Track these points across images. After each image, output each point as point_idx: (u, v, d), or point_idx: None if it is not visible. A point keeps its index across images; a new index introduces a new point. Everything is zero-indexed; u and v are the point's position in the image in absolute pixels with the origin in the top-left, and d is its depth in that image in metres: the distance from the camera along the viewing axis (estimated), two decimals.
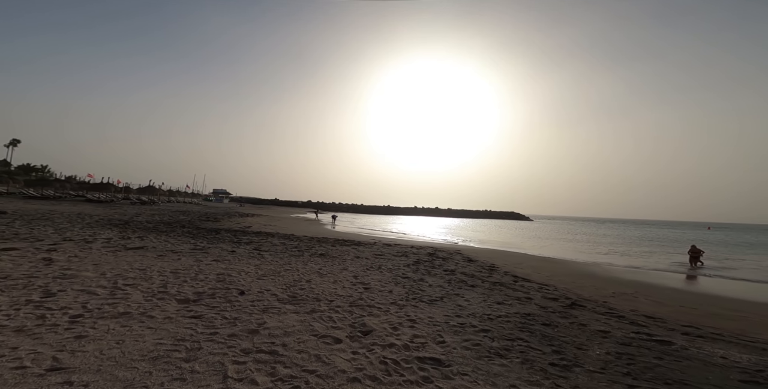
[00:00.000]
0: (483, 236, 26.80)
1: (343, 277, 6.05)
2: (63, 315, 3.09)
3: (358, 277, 6.15)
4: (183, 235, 10.72)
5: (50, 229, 9.61)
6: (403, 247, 12.20)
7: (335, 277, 5.98)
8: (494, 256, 12.37)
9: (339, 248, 10.24)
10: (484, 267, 8.84)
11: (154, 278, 4.75)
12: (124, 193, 46.83)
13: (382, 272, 6.87)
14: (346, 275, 6.27)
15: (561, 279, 8.26)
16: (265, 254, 7.98)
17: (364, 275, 6.33)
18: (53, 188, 39.40)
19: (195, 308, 3.66)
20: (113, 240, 8.29)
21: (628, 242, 27.32)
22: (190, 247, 8.14)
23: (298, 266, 6.75)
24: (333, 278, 5.91)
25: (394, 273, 6.80)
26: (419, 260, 8.95)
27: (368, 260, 8.32)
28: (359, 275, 6.36)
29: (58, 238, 7.94)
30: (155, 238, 9.37)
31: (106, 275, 4.72)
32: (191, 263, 6.13)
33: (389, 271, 7.01)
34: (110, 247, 7.24)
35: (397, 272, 6.99)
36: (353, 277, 6.12)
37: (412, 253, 10.45)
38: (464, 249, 13.81)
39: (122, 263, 5.66)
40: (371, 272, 6.71)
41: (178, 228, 13.14)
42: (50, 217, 13.33)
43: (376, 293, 5.13)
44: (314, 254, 8.49)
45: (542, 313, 4.78)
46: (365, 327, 3.62)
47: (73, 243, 7.33)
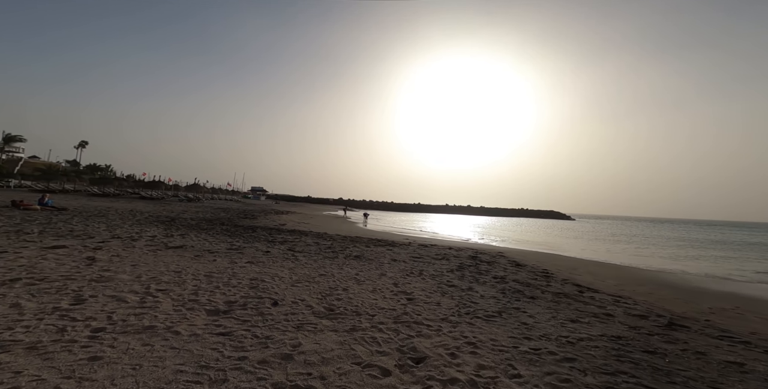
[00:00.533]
0: (523, 237, 25.12)
1: (382, 284, 5.49)
2: (85, 327, 2.82)
3: (399, 285, 5.56)
4: (221, 233, 10.82)
5: (103, 226, 10.09)
6: (440, 248, 11.44)
7: (374, 284, 5.44)
8: (543, 260, 11.21)
9: (374, 250, 9.74)
10: (537, 273, 7.87)
11: (187, 283, 4.49)
12: (174, 190, 50.31)
13: (424, 278, 6.23)
14: (385, 282, 5.71)
15: (635, 290, 7.08)
16: (299, 255, 7.66)
17: (404, 283, 5.73)
18: (113, 186, 43.25)
19: (224, 322, 3.28)
20: (156, 238, 8.44)
21: (693, 246, 24.19)
22: (227, 246, 8.04)
23: (333, 270, 6.31)
24: (371, 285, 5.37)
25: (438, 280, 6.13)
26: (462, 264, 8.18)
27: (406, 264, 7.71)
28: (399, 282, 5.77)
29: (108, 235, 8.21)
30: (195, 236, 9.47)
31: (141, 278, 4.54)
32: (226, 265, 5.90)
33: (432, 278, 6.35)
34: (152, 245, 7.30)
35: (440, 278, 6.31)
36: (393, 285, 5.54)
37: (453, 256, 9.69)
38: (507, 252, 12.73)
39: (160, 264, 5.55)
40: (412, 279, 6.09)
41: (217, 226, 13.43)
42: (106, 214, 14.23)
43: (421, 305, 4.50)
44: (349, 257, 8.04)
45: (636, 336, 3.87)
46: (416, 353, 3.01)
47: (120, 241, 7.49)
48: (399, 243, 12.10)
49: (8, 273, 4.15)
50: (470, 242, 16.66)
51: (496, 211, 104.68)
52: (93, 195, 31.13)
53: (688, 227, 68.36)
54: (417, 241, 14.01)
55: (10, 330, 2.63)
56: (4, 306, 3.11)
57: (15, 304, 3.16)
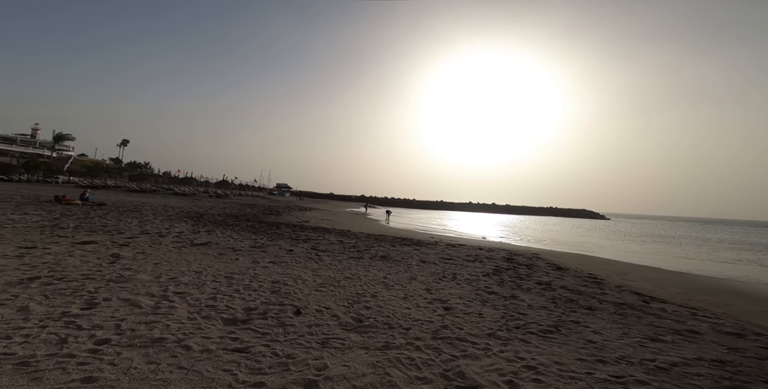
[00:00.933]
0: (557, 237, 23.65)
1: (413, 290, 4.97)
2: (89, 338, 2.51)
3: (432, 291, 5.01)
4: (246, 230, 10.74)
5: (135, 221, 10.29)
6: (470, 249, 10.74)
7: (404, 290, 4.92)
8: (585, 263, 10.23)
9: (400, 250, 9.23)
10: (585, 279, 7.04)
11: (207, 285, 4.20)
12: (204, 187, 52.44)
13: (459, 283, 5.64)
14: (417, 287, 5.18)
15: (706, 300, 6.12)
16: (323, 255, 7.29)
17: (438, 288, 5.17)
18: (150, 182, 45.64)
19: (241, 334, 2.89)
20: (183, 235, 8.40)
21: (748, 249, 21.68)
22: (250, 244, 7.83)
23: (359, 272, 5.87)
24: (402, 291, 4.86)
25: (475, 286, 5.52)
26: (498, 267, 7.48)
27: (437, 266, 7.13)
28: (432, 287, 5.22)
29: (137, 231, 8.26)
30: (221, 233, 9.39)
31: (160, 278, 4.30)
32: (248, 265, 5.62)
33: (467, 283, 5.74)
34: (178, 242, 7.20)
35: (477, 284, 5.69)
36: (426, 290, 5.00)
37: (485, 257, 8.98)
38: (543, 253, 11.79)
39: (182, 262, 5.34)
40: (446, 284, 5.52)
41: (243, 222, 13.46)
42: (140, 209, 14.70)
43: (461, 316, 3.94)
44: (375, 257, 7.58)
45: (743, 360, 3.13)
46: (465, 380, 2.47)
47: (148, 237, 7.47)
48: (425, 242, 11.52)
49: (29, 271, 4.03)
50: (500, 243, 15.75)
51: (523, 209, 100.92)
52: (131, 191, 32.89)
53: (734, 228, 62.31)
54: (443, 240, 13.36)
55: (8, 340, 2.37)
56: (12, 309, 2.90)
57: (23, 307, 2.95)
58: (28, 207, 11.10)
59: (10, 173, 33.29)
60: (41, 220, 8.59)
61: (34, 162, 37.44)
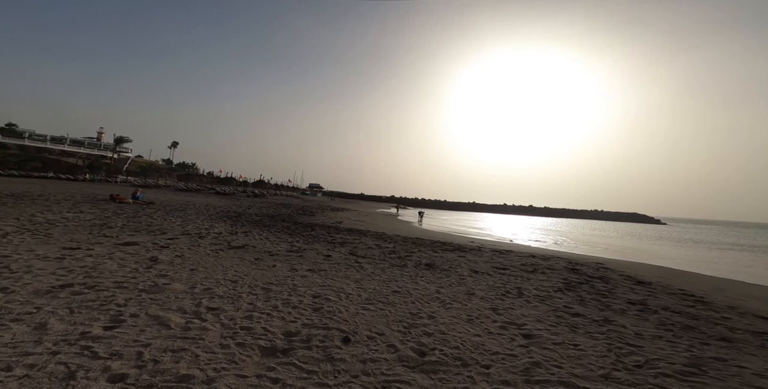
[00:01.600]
0: (612, 242, 21.39)
1: (476, 309, 4.17)
2: (101, 373, 2.04)
3: (500, 310, 4.18)
4: (282, 231, 10.49)
5: (179, 220, 10.43)
6: (521, 256, 9.64)
7: (466, 309, 4.14)
8: (665, 275, 8.73)
9: (443, 256, 8.41)
10: (682, 297, 5.80)
11: (242, 299, 3.72)
12: (243, 186, 54.80)
13: (529, 301, 4.73)
14: (479, 305, 4.37)
15: None
16: (363, 262, 6.68)
17: (506, 307, 4.32)
18: (195, 181, 48.49)
19: (282, 372, 2.30)
20: (222, 236, 8.24)
21: None
22: (287, 247, 7.44)
23: (406, 284, 5.16)
24: (463, 310, 4.08)
25: (551, 305, 4.59)
26: (568, 280, 6.41)
27: (492, 277, 6.23)
28: (498, 306, 4.38)
29: (179, 231, 8.22)
30: (258, 234, 9.17)
31: (195, 289, 3.90)
32: (285, 273, 5.14)
33: (539, 300, 4.82)
34: (216, 244, 6.98)
35: (552, 302, 4.75)
36: (492, 310, 4.18)
37: (544, 266, 7.89)
38: (608, 262, 10.33)
39: (218, 269, 4.98)
40: (513, 302, 4.64)
41: (279, 222, 13.35)
42: (185, 208, 15.17)
43: (551, 348, 3.09)
44: (419, 265, 6.84)
45: None
46: None
47: (188, 238, 7.34)
48: (467, 248, 10.58)
49: (64, 277, 3.80)
50: (553, 249, 14.29)
51: (563, 212, 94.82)
52: (179, 190, 34.94)
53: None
54: (486, 245, 12.30)
55: (7, 372, 1.94)
56: (29, 326, 2.54)
57: (41, 324, 2.59)
58: (84, 205, 11.72)
59: (76, 173, 36.88)
60: (93, 218, 8.86)
61: (97, 163, 41.23)
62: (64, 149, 51.36)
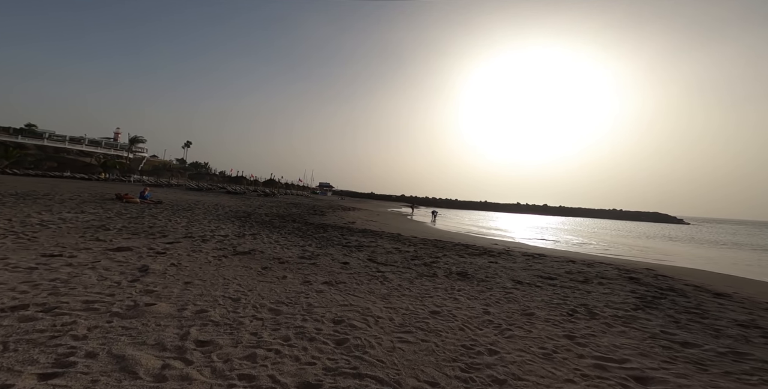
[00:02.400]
0: (643, 244, 19.97)
1: (546, 337, 3.23)
2: None
3: (577, 338, 3.22)
4: (292, 233, 9.72)
5: (184, 221, 9.78)
6: (558, 261, 8.60)
7: (532, 337, 3.20)
8: (734, 284, 7.56)
9: (473, 262, 7.48)
10: None
11: (244, 327, 2.89)
12: (254, 185, 54.73)
13: (607, 323, 3.73)
14: (547, 330, 3.42)
15: None
16: (386, 270, 5.81)
17: (583, 333, 3.35)
18: (206, 181, 48.60)
19: None
20: (228, 239, 7.50)
21: None
22: (298, 253, 6.63)
23: (444, 301, 4.26)
24: (530, 338, 3.15)
25: (641, 330, 3.59)
26: (638, 294, 5.35)
27: (542, 289, 5.26)
28: (571, 330, 3.43)
29: (182, 234, 7.53)
30: (267, 237, 8.41)
31: (184, 311, 3.10)
32: (298, 288, 4.30)
33: (621, 322, 3.81)
34: (220, 249, 6.22)
35: (639, 324, 3.74)
36: (566, 337, 3.23)
37: (593, 274, 6.86)
38: (658, 268, 9.18)
39: (218, 282, 4.19)
40: (588, 325, 3.66)
41: (289, 223, 12.62)
42: (193, 208, 14.62)
43: None
44: (451, 274, 5.93)
45: None
46: None
47: (190, 242, 6.62)
48: (495, 251, 9.61)
49: (22, 295, 3.04)
50: (588, 253, 13.11)
51: (580, 211, 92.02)
52: (190, 189, 34.83)
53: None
54: (512, 248, 11.29)
55: None
56: None
57: None
58: (88, 205, 11.22)
59: (91, 173, 37.22)
60: (92, 219, 8.26)
61: (110, 162, 41.62)
62: (81, 149, 52.23)
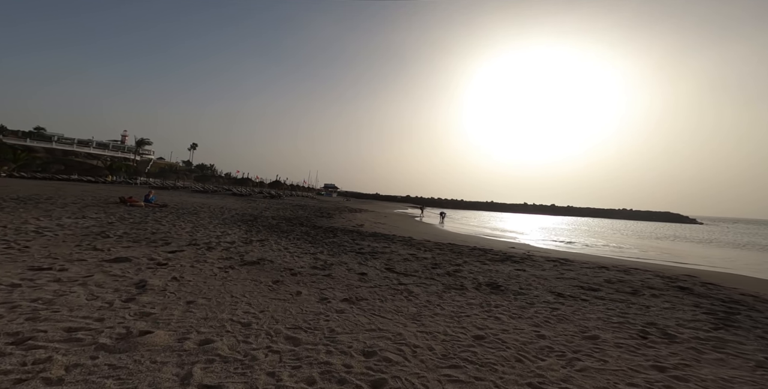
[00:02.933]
0: (662, 245, 19.14)
1: (628, 368, 2.63)
2: None
3: (669, 369, 2.62)
4: (301, 238, 9.23)
5: (189, 226, 9.36)
6: (590, 267, 7.99)
7: (611, 369, 2.61)
8: None
9: (497, 269, 6.92)
10: None
11: (258, 364, 2.36)
12: (259, 187, 54.54)
13: (695, 349, 3.11)
14: (625, 359, 2.82)
15: None
16: (408, 282, 5.27)
17: (673, 362, 2.75)
18: (212, 183, 48.50)
19: None
20: (234, 246, 7.04)
21: None
22: (310, 262, 6.13)
23: (485, 321, 3.70)
24: (609, 371, 2.56)
25: (740, 356, 2.99)
26: (704, 308, 4.73)
27: (591, 303, 4.67)
28: (654, 357, 2.83)
29: (186, 241, 7.07)
30: (275, 243, 7.93)
31: (186, 341, 2.59)
32: (315, 306, 3.78)
33: (710, 346, 3.21)
34: (227, 259, 5.74)
35: (734, 350, 3.13)
36: (655, 368, 2.64)
37: (637, 283, 6.23)
38: (697, 273, 8.51)
39: (225, 300, 3.69)
40: (671, 350, 3.07)
41: (297, 227, 12.16)
42: (198, 211, 14.23)
43: None
44: (480, 286, 5.36)
45: None
46: None
47: (194, 250, 6.16)
48: (516, 256, 9.03)
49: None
50: (616, 257, 12.41)
51: (589, 211, 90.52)
52: (195, 192, 34.63)
53: None
54: (532, 251, 10.70)
55: None
56: None
57: None
58: (91, 209, 10.85)
59: (97, 175, 37.23)
60: (92, 225, 7.84)
61: (116, 165, 41.64)
62: (89, 152, 52.53)
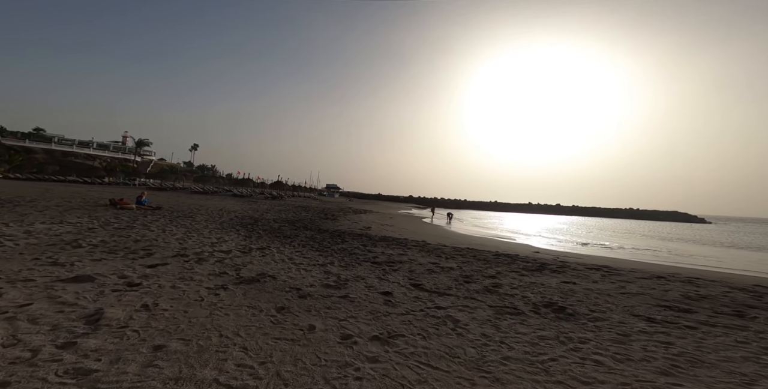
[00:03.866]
0: (695, 249, 18.03)
1: None
2: None
3: None
4: (307, 245, 8.21)
5: (181, 231, 8.37)
6: (642, 277, 6.94)
7: None
8: None
9: (543, 283, 5.89)
10: None
11: None
12: (261, 188, 53.59)
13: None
14: None
15: None
16: (445, 304, 4.23)
17: None
18: (212, 183, 47.56)
19: None
20: (230, 256, 6.03)
21: None
22: (321, 277, 5.10)
23: (583, 367, 2.65)
24: None
25: None
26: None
27: (703, 334, 3.61)
28: None
29: (173, 250, 6.07)
30: (278, 252, 6.91)
31: None
32: (337, 353, 2.74)
33: None
34: (219, 275, 4.73)
35: None
36: None
37: (716, 296, 5.18)
38: (761, 281, 7.43)
39: (210, 343, 2.66)
40: None
41: (301, 230, 11.15)
42: (194, 214, 13.25)
43: None
44: (539, 308, 4.31)
45: None
46: None
47: (180, 263, 5.14)
48: (550, 264, 8.00)
49: None
50: (651, 261, 11.31)
51: (594, 211, 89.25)
52: (195, 193, 33.67)
53: None
54: (562, 257, 9.64)
55: None
56: None
57: None
58: (73, 213, 9.87)
59: (94, 176, 36.33)
60: (67, 232, 6.84)
61: (112, 165, 40.76)
62: (89, 153, 51.64)
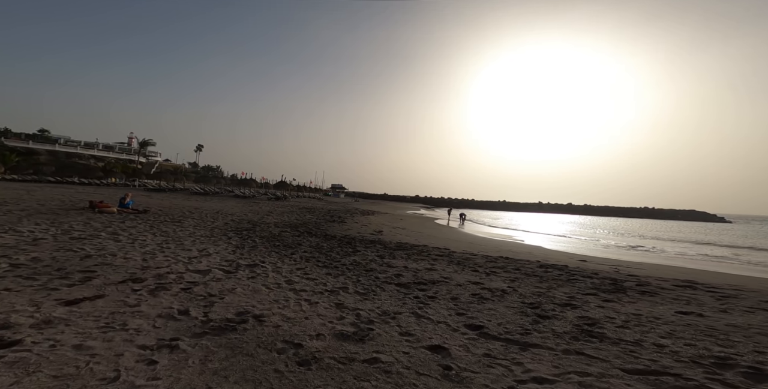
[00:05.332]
0: (718, 252, 16.11)
1: None
2: None
3: None
4: (312, 257, 6.58)
5: (156, 241, 6.85)
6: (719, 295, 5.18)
7: None
8: None
9: (649, 315, 4.15)
10: None
11: None
12: (264, 188, 52.29)
13: None
14: None
15: None
16: (545, 372, 2.54)
17: None
18: (213, 184, 46.34)
19: None
20: (206, 278, 4.43)
21: None
22: (332, 316, 3.41)
23: None
24: None
25: None
26: None
27: None
28: None
29: (127, 272, 4.48)
30: (273, 270, 5.28)
31: None
32: None
33: None
34: (175, 317, 3.11)
35: None
36: None
37: None
38: None
39: None
40: None
41: (305, 237, 9.56)
42: (185, 218, 11.73)
43: None
44: (712, 373, 2.63)
45: None
46: None
47: (124, 294, 3.55)
48: (620, 280, 6.23)
49: None
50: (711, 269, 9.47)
51: (608, 210, 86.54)
52: (194, 194, 32.34)
53: None
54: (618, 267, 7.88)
55: None
56: None
57: None
58: (36, 218, 8.38)
59: (91, 177, 35.25)
60: (3, 244, 5.30)
61: (110, 166, 39.70)
62: (94, 154, 50.70)
